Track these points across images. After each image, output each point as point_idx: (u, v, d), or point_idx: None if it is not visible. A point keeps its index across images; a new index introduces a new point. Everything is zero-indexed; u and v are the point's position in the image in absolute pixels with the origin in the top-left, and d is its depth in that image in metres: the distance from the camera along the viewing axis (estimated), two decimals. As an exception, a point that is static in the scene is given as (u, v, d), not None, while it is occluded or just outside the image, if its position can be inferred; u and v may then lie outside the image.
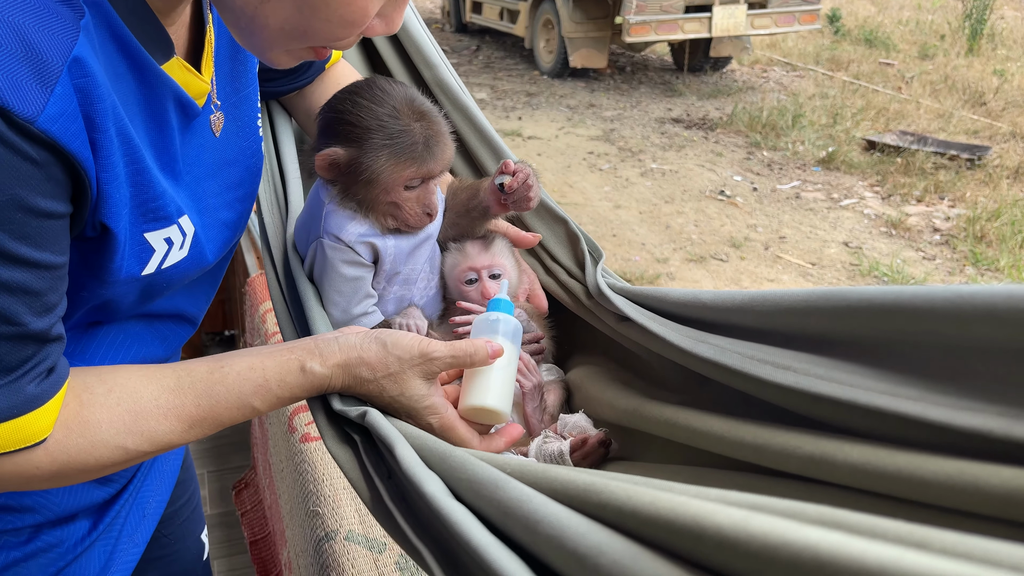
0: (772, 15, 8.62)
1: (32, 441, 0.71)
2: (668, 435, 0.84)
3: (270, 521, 2.09)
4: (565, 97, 8.83)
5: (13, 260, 0.65)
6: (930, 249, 5.02)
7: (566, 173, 6.43)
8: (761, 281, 4.61)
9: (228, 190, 0.99)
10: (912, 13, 13.12)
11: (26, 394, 0.70)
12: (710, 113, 8.13)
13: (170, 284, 0.90)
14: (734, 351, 0.75)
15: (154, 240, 0.83)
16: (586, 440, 0.94)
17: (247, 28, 0.77)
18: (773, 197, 5.92)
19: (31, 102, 0.62)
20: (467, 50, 11.40)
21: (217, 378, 0.83)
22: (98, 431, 0.76)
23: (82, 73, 0.67)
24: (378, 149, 1.00)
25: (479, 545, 0.59)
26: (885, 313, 0.58)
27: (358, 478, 0.82)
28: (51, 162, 0.66)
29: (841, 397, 0.60)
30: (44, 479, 0.76)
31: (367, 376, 0.87)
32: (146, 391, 0.80)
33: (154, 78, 0.78)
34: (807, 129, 7.24)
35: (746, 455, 0.70)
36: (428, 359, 0.88)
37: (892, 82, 9.02)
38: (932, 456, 0.52)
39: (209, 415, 0.82)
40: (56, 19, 0.65)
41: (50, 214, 0.67)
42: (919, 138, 6.73)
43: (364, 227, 1.05)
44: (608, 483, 0.56)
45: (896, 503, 0.54)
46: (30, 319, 0.68)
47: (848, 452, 0.58)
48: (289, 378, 0.85)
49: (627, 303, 0.97)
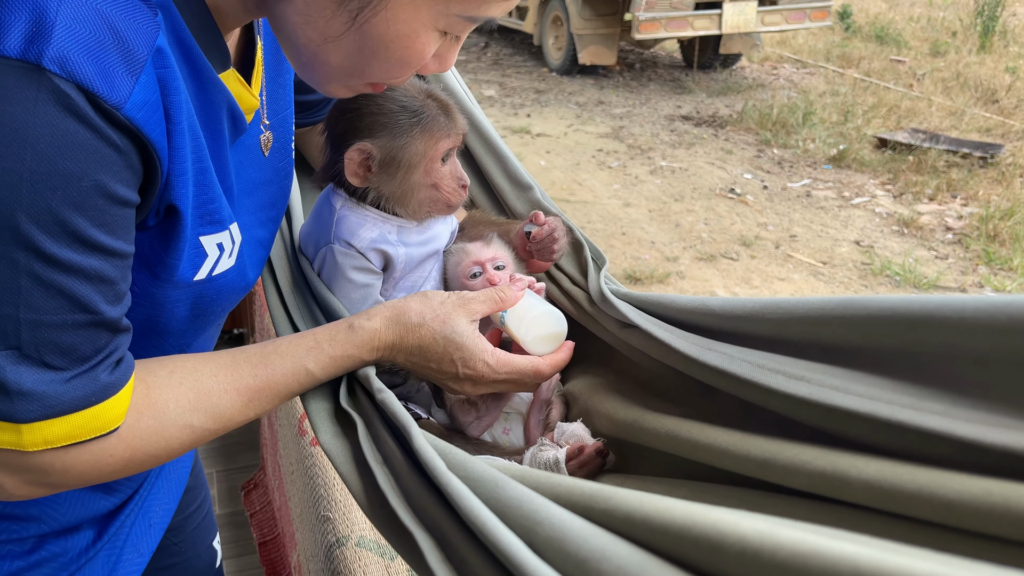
0: (782, 12, 8.56)
1: (107, 429, 0.73)
2: (669, 448, 0.82)
3: (279, 523, 2.08)
4: (574, 94, 8.80)
5: (93, 247, 0.67)
6: (942, 248, 4.98)
7: (575, 171, 6.41)
8: (772, 280, 4.58)
9: (263, 209, 1.01)
10: (923, 10, 13.03)
11: (101, 383, 0.72)
12: (720, 110, 8.09)
13: (217, 298, 0.91)
14: (743, 359, 0.72)
15: (208, 244, 0.84)
16: (583, 448, 0.92)
17: (308, 63, 0.80)
18: (784, 195, 5.89)
19: (119, 89, 0.64)
20: (475, 47, 11.37)
21: (270, 349, 0.87)
22: (166, 411, 0.79)
23: (163, 64, 0.69)
24: (410, 129, 1.01)
25: (482, 521, 0.57)
26: (909, 323, 0.55)
27: (350, 471, 0.80)
28: (131, 149, 0.67)
29: (860, 410, 0.57)
30: (116, 467, 0.77)
31: (416, 321, 0.90)
32: (205, 369, 0.83)
33: (212, 86, 0.80)
34: (818, 127, 7.20)
35: (751, 470, 0.66)
36: (466, 300, 0.94)
37: (903, 79, 8.96)
38: (956, 474, 0.49)
39: (267, 384, 0.85)
40: (138, 11, 0.67)
41: (125, 202, 0.69)
42: (931, 136, 6.68)
43: (376, 232, 1.04)
44: (616, 489, 0.54)
45: (914, 525, 0.51)
46: (105, 307, 0.70)
47: (863, 468, 0.54)
48: (339, 336, 0.88)
49: (631, 308, 0.95)
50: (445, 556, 0.63)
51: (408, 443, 0.73)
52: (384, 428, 0.80)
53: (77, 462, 0.74)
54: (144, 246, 0.79)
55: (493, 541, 0.55)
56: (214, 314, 0.95)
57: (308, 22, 0.76)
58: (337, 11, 0.74)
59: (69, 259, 0.66)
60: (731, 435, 0.71)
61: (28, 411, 0.68)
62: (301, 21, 0.76)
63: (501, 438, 1.05)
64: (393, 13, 0.74)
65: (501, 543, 0.54)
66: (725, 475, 0.72)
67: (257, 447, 2.63)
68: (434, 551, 0.63)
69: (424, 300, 0.92)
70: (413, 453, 0.73)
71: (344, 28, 0.75)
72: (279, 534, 2.09)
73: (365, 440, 0.81)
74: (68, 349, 0.69)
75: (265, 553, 2.10)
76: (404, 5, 0.73)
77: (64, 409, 0.69)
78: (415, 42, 0.76)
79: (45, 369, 0.68)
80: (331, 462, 0.81)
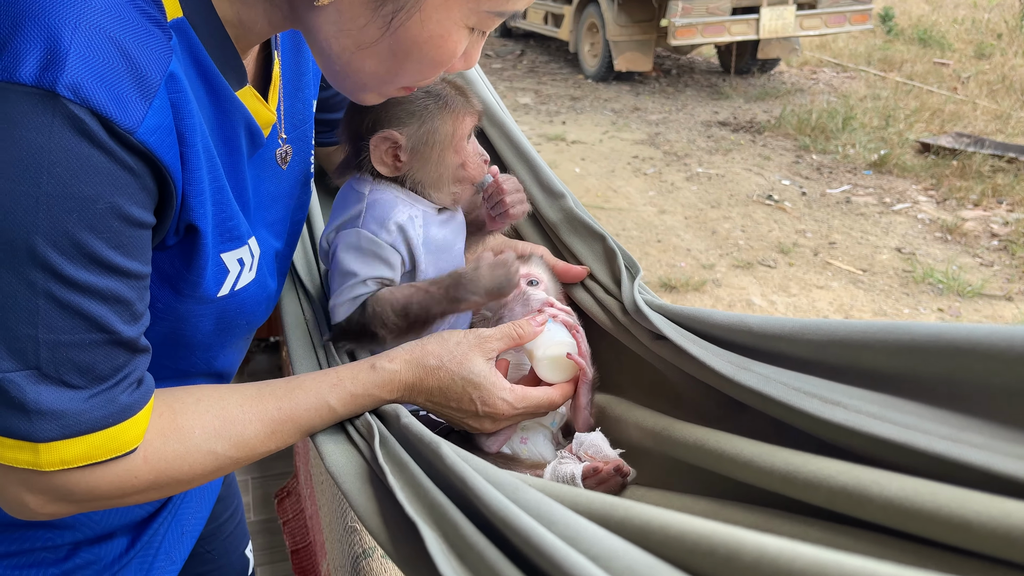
0: (822, 15, 8.45)
1: (125, 449, 0.74)
2: (694, 459, 0.81)
3: (311, 531, 2.09)
4: (609, 101, 8.78)
5: (108, 268, 0.68)
6: (987, 255, 4.86)
7: (610, 178, 6.38)
8: (810, 288, 4.51)
9: (281, 221, 1.03)
10: (968, 11, 12.78)
11: (120, 403, 0.73)
12: (757, 116, 8.00)
13: (241, 312, 0.93)
14: (779, 381, 0.71)
15: (229, 261, 0.86)
16: (598, 469, 0.90)
17: (341, 72, 0.81)
18: (822, 202, 5.80)
19: (132, 114, 0.65)
20: (511, 55, 11.41)
21: (295, 384, 0.89)
22: (192, 437, 0.80)
23: (176, 88, 0.71)
24: (438, 112, 1.04)
25: (497, 506, 0.57)
26: (954, 351, 0.54)
27: (355, 487, 0.80)
28: (145, 172, 0.69)
29: (896, 439, 0.56)
30: (141, 489, 0.78)
31: (434, 364, 0.92)
32: (231, 399, 0.85)
33: (229, 104, 0.82)
34: (858, 132, 7.08)
35: (774, 484, 0.65)
36: (483, 338, 0.96)
37: (947, 82, 8.78)
38: (978, 493, 0.47)
39: (290, 417, 0.86)
40: (152, 37, 0.69)
41: (140, 223, 0.70)
42: (976, 140, 6.53)
43: (405, 216, 1.06)
44: (634, 503, 0.54)
45: (931, 548, 0.49)
46: (122, 327, 0.71)
47: (885, 485, 0.53)
48: (362, 375, 0.90)
49: (665, 321, 0.93)
50: (458, 557, 0.63)
51: (435, 459, 0.73)
52: (399, 444, 0.80)
53: (102, 483, 0.75)
54: (166, 264, 0.81)
55: (518, 531, 0.54)
56: (239, 327, 0.96)
57: (342, 31, 0.77)
58: (372, 18, 0.75)
59: (85, 280, 0.67)
60: (757, 447, 0.70)
61: (46, 430, 0.69)
62: (334, 31, 0.77)
63: (519, 448, 1.05)
64: (427, 14, 0.75)
65: (527, 530, 0.54)
66: (747, 491, 0.71)
67: (291, 454, 2.65)
68: (446, 552, 0.63)
69: (441, 342, 0.94)
70: (438, 470, 0.72)
71: (379, 34, 0.76)
72: (311, 542, 2.10)
73: (377, 454, 0.81)
74: (86, 368, 0.70)
75: (297, 561, 2.12)
76: (437, 6, 0.75)
77: (82, 429, 0.70)
78: (447, 41, 0.78)
79: (64, 388, 0.69)
80: (335, 481, 0.82)
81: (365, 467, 0.81)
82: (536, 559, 0.52)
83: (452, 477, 0.67)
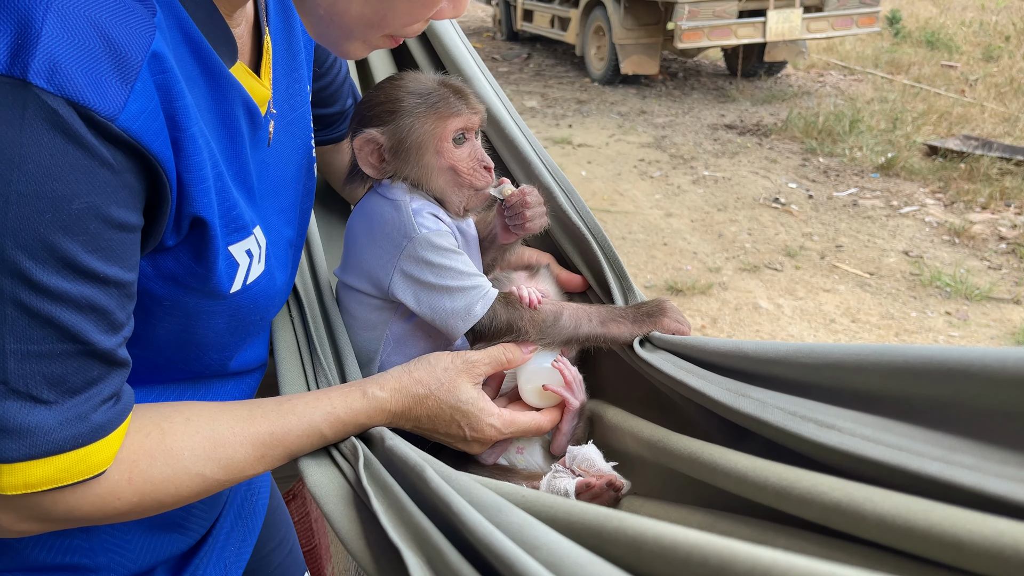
0: (829, 18, 8.43)
1: (94, 472, 0.69)
2: (689, 471, 0.81)
3: (316, 534, 2.09)
4: (616, 104, 8.78)
5: (84, 274, 0.63)
6: (995, 258, 4.84)
7: (616, 181, 6.38)
8: (817, 291, 4.49)
9: (291, 208, 0.99)
10: (975, 14, 12.73)
11: (92, 422, 0.68)
12: (764, 119, 7.99)
13: (254, 307, 0.89)
14: (776, 406, 0.72)
15: (237, 253, 0.83)
16: (591, 485, 0.91)
17: (325, 19, 0.77)
18: (829, 205, 5.79)
19: (112, 99, 0.61)
20: (518, 58, 11.41)
21: (287, 408, 0.86)
22: (180, 459, 0.76)
23: (161, 69, 0.66)
24: (414, 109, 1.00)
25: (493, 540, 0.57)
26: (946, 373, 0.54)
27: (336, 509, 0.79)
28: (127, 168, 0.64)
29: (888, 461, 0.57)
30: (123, 511, 0.74)
31: (422, 392, 0.91)
32: (222, 419, 0.81)
33: (224, 82, 0.77)
34: (865, 134, 7.07)
35: (767, 499, 0.66)
36: (470, 363, 0.95)
37: (955, 85, 8.75)
38: (970, 512, 0.48)
39: (281, 442, 0.84)
40: (132, 15, 0.64)
41: (122, 225, 0.65)
42: (984, 143, 6.51)
43: (439, 211, 1.03)
44: (627, 515, 0.54)
45: (923, 566, 0.50)
46: (97, 337, 0.66)
47: (879, 502, 0.53)
48: (354, 403, 0.88)
49: (659, 357, 0.94)
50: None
51: (419, 482, 0.73)
52: (383, 467, 0.80)
53: (82, 504, 0.70)
54: (172, 264, 0.76)
55: (501, 557, 0.54)
56: (252, 324, 0.93)
57: None
58: None
59: (58, 287, 0.62)
60: (752, 461, 0.71)
61: (11, 450, 0.63)
62: None
63: (515, 458, 1.05)
64: None
65: (510, 557, 0.54)
66: (744, 503, 0.71)
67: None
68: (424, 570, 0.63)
69: (428, 368, 0.93)
70: (422, 493, 0.72)
71: None
72: (316, 545, 2.11)
73: (361, 477, 0.80)
74: (56, 381, 0.65)
75: (303, 564, 2.11)
76: None
77: (49, 450, 0.65)
78: None
79: (33, 403, 0.64)
80: (317, 503, 0.81)
81: (348, 489, 0.81)
82: None
83: (436, 500, 0.67)
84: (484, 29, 14.02)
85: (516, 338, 1.00)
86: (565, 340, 1.02)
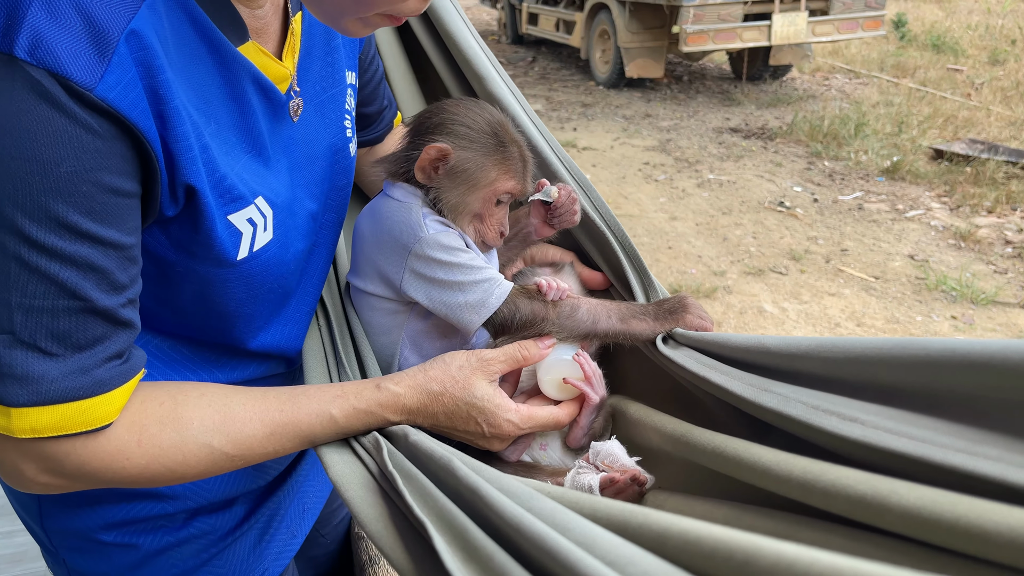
0: (834, 22, 8.43)
1: (96, 424, 0.73)
2: (713, 465, 0.82)
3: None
4: (621, 107, 8.78)
5: (79, 234, 0.67)
6: (1001, 262, 4.83)
7: (621, 184, 6.38)
8: (822, 295, 4.49)
9: (316, 183, 1.00)
10: (981, 17, 12.72)
11: (94, 377, 0.72)
12: (769, 122, 7.99)
13: (267, 274, 0.91)
14: (799, 400, 0.72)
15: (238, 222, 0.85)
16: (615, 480, 0.91)
17: None
18: (834, 208, 5.78)
19: (90, 71, 0.65)
20: (523, 61, 11.43)
21: (300, 390, 0.89)
22: (189, 427, 0.80)
23: (140, 46, 0.69)
24: (491, 153, 1.02)
25: (509, 514, 0.57)
26: (969, 366, 0.54)
27: (359, 495, 0.80)
28: (114, 135, 0.68)
29: (912, 453, 0.56)
30: (132, 473, 0.78)
31: (438, 390, 0.92)
32: (235, 397, 0.85)
33: (231, 59, 0.80)
34: (871, 138, 7.06)
35: (792, 492, 0.66)
36: (485, 361, 0.95)
37: (961, 88, 8.74)
38: (996, 503, 0.48)
39: (291, 420, 0.86)
40: None
41: (116, 190, 0.69)
42: (990, 146, 6.50)
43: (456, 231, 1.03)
44: (651, 510, 0.55)
45: (950, 557, 0.50)
46: (97, 295, 0.70)
47: (904, 495, 0.53)
48: (366, 392, 0.90)
49: (682, 353, 0.94)
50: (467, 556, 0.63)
51: (445, 473, 0.73)
52: (407, 459, 0.80)
53: (92, 459, 0.75)
54: (177, 232, 0.80)
55: (531, 536, 0.55)
56: (271, 291, 0.94)
57: None
58: None
59: (54, 245, 0.66)
60: (775, 455, 0.71)
61: (17, 395, 0.69)
62: None
63: (539, 455, 1.05)
64: None
65: (542, 535, 0.54)
66: (768, 497, 0.71)
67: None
68: (453, 551, 0.63)
69: (443, 367, 0.94)
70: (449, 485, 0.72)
71: None
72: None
73: (387, 463, 0.80)
74: (61, 335, 0.69)
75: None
76: None
77: (52, 398, 0.70)
78: None
79: (40, 355, 0.69)
80: (339, 489, 0.81)
81: (370, 479, 0.81)
82: (549, 564, 0.52)
83: (463, 490, 0.68)
84: (489, 32, 14.05)
85: (536, 331, 1.00)
86: (583, 334, 1.02)
